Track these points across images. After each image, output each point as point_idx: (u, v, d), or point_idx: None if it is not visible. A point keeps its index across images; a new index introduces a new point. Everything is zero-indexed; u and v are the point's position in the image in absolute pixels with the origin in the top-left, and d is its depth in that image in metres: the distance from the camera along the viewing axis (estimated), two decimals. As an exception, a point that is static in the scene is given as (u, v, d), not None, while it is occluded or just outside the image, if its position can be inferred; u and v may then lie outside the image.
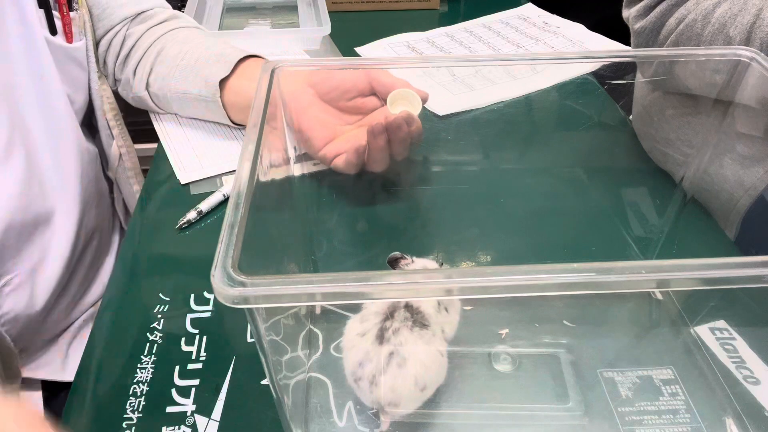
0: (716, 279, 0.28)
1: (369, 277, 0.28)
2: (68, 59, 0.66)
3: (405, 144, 0.57)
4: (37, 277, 0.58)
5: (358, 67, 0.62)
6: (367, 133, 0.56)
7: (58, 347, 0.63)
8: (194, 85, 0.70)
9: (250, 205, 0.31)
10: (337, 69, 0.62)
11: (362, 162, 0.58)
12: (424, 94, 0.57)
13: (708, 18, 0.55)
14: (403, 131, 0.55)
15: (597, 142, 0.70)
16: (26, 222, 0.57)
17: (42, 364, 0.62)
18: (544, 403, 0.46)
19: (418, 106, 0.57)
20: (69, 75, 0.66)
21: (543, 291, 0.28)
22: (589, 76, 0.77)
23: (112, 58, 0.74)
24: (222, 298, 0.27)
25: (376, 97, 0.61)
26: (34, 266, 0.58)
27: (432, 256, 0.56)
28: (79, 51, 0.67)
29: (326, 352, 0.49)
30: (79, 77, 0.68)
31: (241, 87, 0.68)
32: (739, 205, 0.59)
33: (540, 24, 1.01)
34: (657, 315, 0.53)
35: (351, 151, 0.57)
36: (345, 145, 0.60)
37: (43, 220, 0.59)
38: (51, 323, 0.62)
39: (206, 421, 0.45)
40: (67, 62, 0.65)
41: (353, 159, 0.58)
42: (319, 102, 0.61)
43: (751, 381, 0.46)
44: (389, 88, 0.58)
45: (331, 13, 0.97)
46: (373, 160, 0.58)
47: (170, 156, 0.71)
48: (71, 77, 0.66)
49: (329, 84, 0.61)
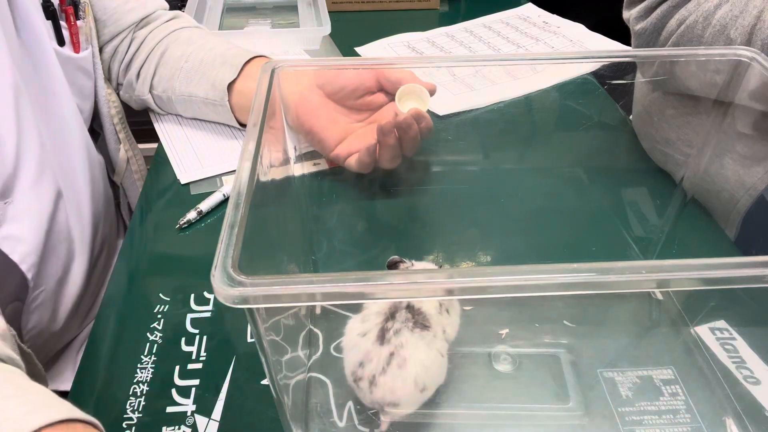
0: (716, 279, 0.28)
1: (369, 278, 0.28)
2: (76, 69, 0.66)
3: (416, 141, 0.57)
4: (60, 292, 0.59)
5: (358, 67, 0.62)
6: (377, 132, 0.56)
7: (68, 357, 0.64)
8: (200, 89, 0.69)
9: (250, 205, 0.31)
10: (338, 69, 0.62)
11: (374, 160, 0.58)
12: (431, 86, 0.57)
13: (709, 20, 0.55)
14: (413, 130, 0.56)
15: (597, 142, 0.70)
16: (54, 239, 0.57)
17: (54, 375, 0.62)
18: (544, 403, 0.46)
19: (427, 99, 0.57)
20: (77, 85, 0.66)
21: (543, 291, 0.28)
22: (589, 76, 0.77)
23: (117, 64, 0.74)
24: (222, 298, 0.27)
25: (384, 92, 0.61)
26: (58, 281, 0.58)
27: (431, 258, 0.56)
28: (87, 60, 0.67)
29: (326, 352, 0.49)
30: (86, 86, 0.68)
31: (248, 89, 0.68)
32: (740, 205, 0.59)
33: (540, 24, 1.01)
34: (657, 315, 0.53)
35: (363, 151, 0.58)
36: (357, 144, 0.60)
37: (65, 236, 0.59)
38: (66, 335, 0.62)
39: (206, 421, 0.45)
40: (75, 73, 0.65)
41: (366, 158, 0.58)
42: (328, 102, 0.62)
43: (751, 381, 0.46)
44: (396, 83, 0.58)
45: (331, 13, 0.97)
46: (385, 159, 0.58)
47: (170, 156, 0.71)
48: (79, 87, 0.66)
49: (337, 83, 0.61)
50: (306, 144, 0.65)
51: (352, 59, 0.87)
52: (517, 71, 0.83)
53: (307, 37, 0.94)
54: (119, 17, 0.71)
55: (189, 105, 0.72)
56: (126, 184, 0.76)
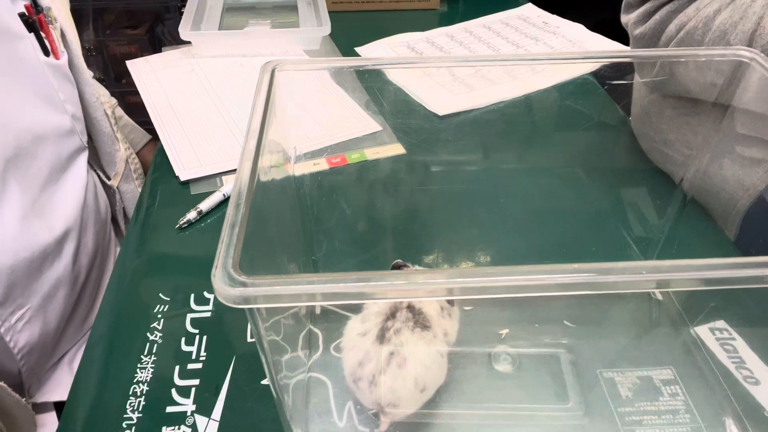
0: (716, 279, 0.28)
1: (369, 278, 0.28)
2: (62, 77, 0.65)
3: None
4: (48, 307, 0.58)
5: (358, 67, 0.62)
6: None
7: (65, 367, 0.63)
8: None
9: (250, 204, 0.31)
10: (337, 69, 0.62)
11: None
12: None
13: (708, 25, 0.55)
14: None
15: (597, 143, 0.69)
16: (33, 257, 0.56)
17: (52, 386, 0.61)
18: (544, 403, 0.46)
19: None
20: (66, 93, 0.65)
21: (543, 291, 0.28)
22: (589, 76, 0.77)
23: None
24: (223, 298, 0.27)
25: None
26: (44, 297, 0.57)
27: (431, 258, 0.57)
28: (65, 66, 0.66)
29: (326, 352, 0.49)
30: (73, 93, 0.67)
31: None
32: (739, 206, 0.59)
33: (540, 24, 1.01)
34: (657, 315, 0.53)
35: None
36: None
37: (50, 252, 0.58)
38: (60, 347, 0.62)
39: (206, 421, 0.45)
40: (62, 80, 0.64)
41: None
42: None
43: (751, 381, 0.46)
44: None
45: (331, 13, 0.97)
46: None
47: (170, 155, 0.71)
48: (68, 95, 0.65)
49: None
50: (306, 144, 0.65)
51: (352, 59, 0.87)
52: (516, 71, 0.83)
53: (307, 37, 0.94)
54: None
55: None
56: (123, 186, 0.76)
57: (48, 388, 0.61)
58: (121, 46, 1.53)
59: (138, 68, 0.90)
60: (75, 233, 0.62)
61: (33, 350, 0.56)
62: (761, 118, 0.54)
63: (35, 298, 0.56)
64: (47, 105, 0.61)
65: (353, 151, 0.71)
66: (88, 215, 0.65)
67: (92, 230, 0.66)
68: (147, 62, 0.92)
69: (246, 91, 0.84)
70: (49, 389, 0.60)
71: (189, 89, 0.85)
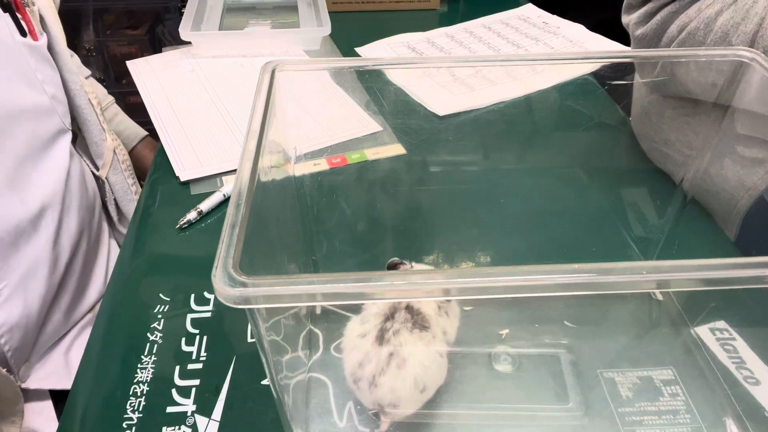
0: (716, 279, 0.28)
1: (369, 278, 0.28)
2: (41, 57, 0.64)
3: None
4: (28, 286, 0.58)
5: (358, 68, 0.62)
6: None
7: (59, 355, 0.63)
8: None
9: (251, 205, 0.31)
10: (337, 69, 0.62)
11: None
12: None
13: (710, 26, 0.55)
14: None
15: (597, 143, 0.69)
16: (8, 230, 0.56)
17: (47, 374, 0.61)
18: (544, 403, 0.46)
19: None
20: (46, 74, 0.64)
21: (543, 291, 0.28)
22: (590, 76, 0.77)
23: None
24: (223, 299, 0.27)
25: None
26: (23, 275, 0.57)
27: (431, 258, 0.56)
28: (44, 48, 0.66)
29: (326, 352, 0.49)
30: (54, 76, 0.67)
31: None
32: (740, 206, 0.59)
33: (540, 24, 1.01)
34: (657, 315, 0.53)
35: None
36: None
37: (25, 227, 0.58)
38: (50, 331, 0.62)
39: (206, 421, 0.45)
40: (41, 61, 0.64)
41: None
42: None
43: (751, 381, 0.46)
44: None
45: (331, 13, 0.97)
46: None
47: (170, 155, 0.71)
48: (48, 77, 0.65)
49: None
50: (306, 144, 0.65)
51: (353, 60, 0.87)
52: (517, 72, 0.83)
53: (307, 37, 0.94)
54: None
55: None
56: (112, 177, 0.75)
57: (41, 375, 0.60)
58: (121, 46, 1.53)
59: (138, 68, 0.90)
60: (54, 213, 0.61)
61: (14, 329, 0.56)
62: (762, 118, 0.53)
63: (13, 276, 0.56)
64: (24, 83, 0.61)
65: (353, 152, 0.71)
66: (71, 199, 0.64)
67: (76, 214, 0.65)
68: (147, 62, 0.92)
69: (246, 92, 0.84)
70: (42, 376, 0.60)
71: (189, 89, 0.85)
